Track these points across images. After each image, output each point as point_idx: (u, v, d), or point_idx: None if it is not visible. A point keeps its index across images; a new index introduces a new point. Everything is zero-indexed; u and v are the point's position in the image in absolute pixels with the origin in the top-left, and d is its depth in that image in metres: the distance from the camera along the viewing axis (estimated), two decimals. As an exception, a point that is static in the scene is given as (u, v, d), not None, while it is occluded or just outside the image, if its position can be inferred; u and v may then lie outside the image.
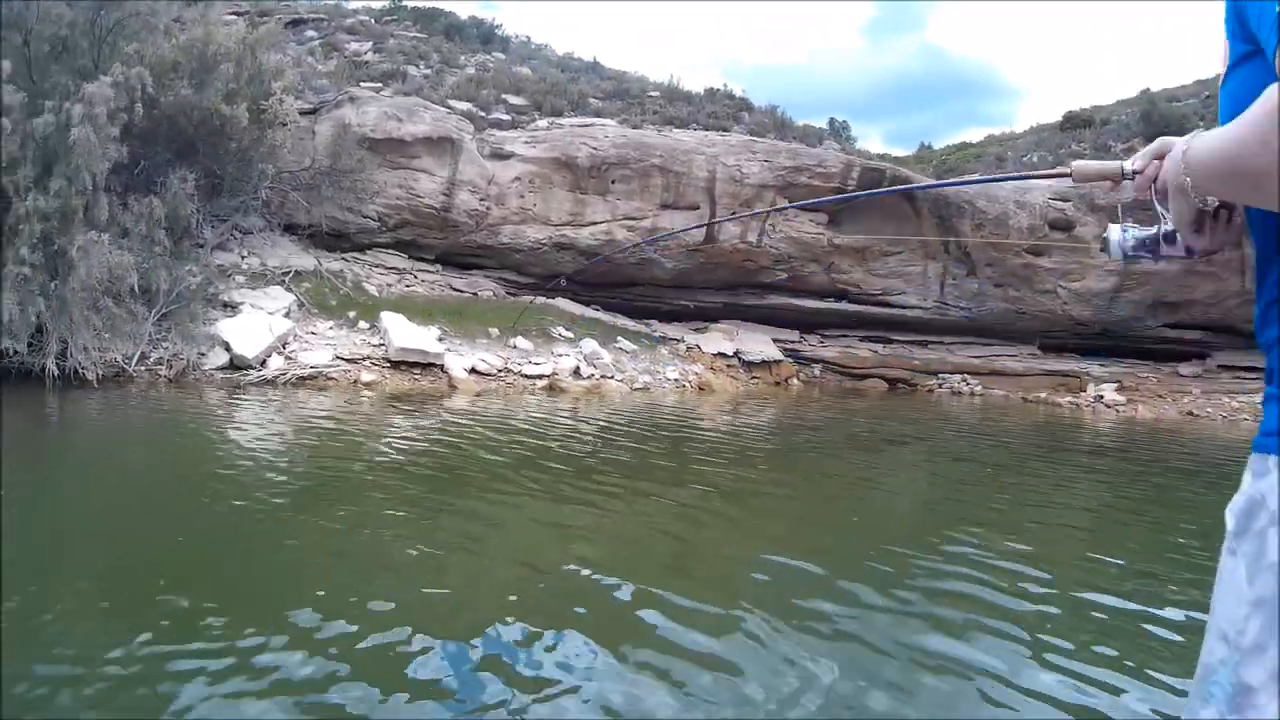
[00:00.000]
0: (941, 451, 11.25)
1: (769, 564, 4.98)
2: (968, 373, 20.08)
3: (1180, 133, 1.21)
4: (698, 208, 16.78)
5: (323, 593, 4.12)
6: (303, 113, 16.57)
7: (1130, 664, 3.73)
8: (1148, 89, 23.93)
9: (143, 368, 12.49)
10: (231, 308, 14.25)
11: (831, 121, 21.12)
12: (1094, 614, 4.43)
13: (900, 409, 15.98)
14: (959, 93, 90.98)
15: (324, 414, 10.49)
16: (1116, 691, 3.45)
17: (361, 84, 17.63)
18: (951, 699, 3.32)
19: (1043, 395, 19.71)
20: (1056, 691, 3.40)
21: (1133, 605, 4.56)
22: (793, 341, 18.63)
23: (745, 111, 20.03)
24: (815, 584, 4.55)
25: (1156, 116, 22.78)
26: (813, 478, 8.88)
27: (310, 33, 20.52)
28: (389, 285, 16.02)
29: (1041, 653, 3.77)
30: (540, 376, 14.72)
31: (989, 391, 19.85)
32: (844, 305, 18.57)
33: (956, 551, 5.43)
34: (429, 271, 16.74)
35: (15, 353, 11.33)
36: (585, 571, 4.63)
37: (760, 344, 17.68)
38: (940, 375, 19.79)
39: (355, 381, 13.35)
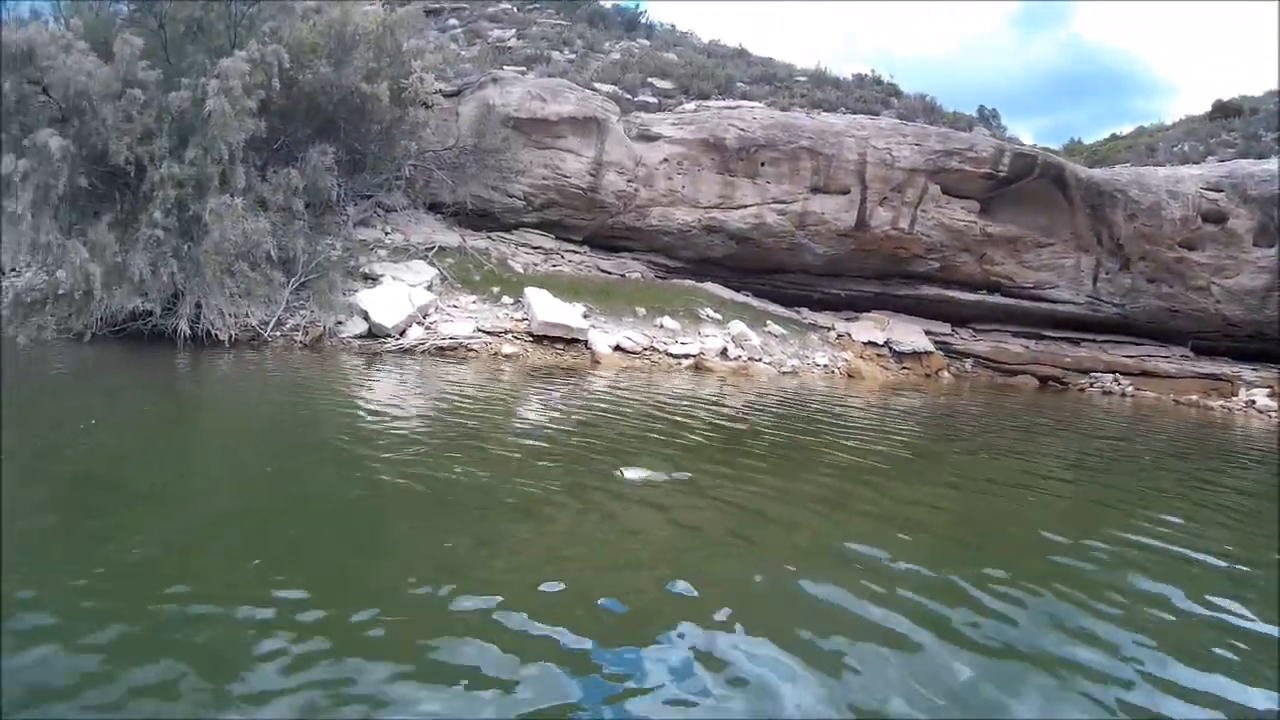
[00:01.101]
0: (1104, 445, 10.47)
1: (931, 546, 4.66)
2: (1120, 372, 18.93)
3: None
4: (848, 191, 16.13)
5: (437, 549, 3.87)
6: (446, 95, 16.55)
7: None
8: (1297, 81, 22.40)
9: (278, 333, 12.61)
10: (372, 279, 14.24)
11: (981, 109, 20.31)
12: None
13: (1054, 406, 14.99)
14: (1107, 89, 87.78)
15: (461, 382, 10.29)
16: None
17: (505, 68, 17.50)
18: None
19: (1194, 398, 18.46)
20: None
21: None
22: (944, 334, 17.77)
23: (894, 97, 19.32)
24: (983, 569, 4.19)
25: (1308, 105, 21.36)
26: (978, 463, 8.24)
27: (452, 20, 20.68)
28: (535, 264, 15.76)
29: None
30: (686, 356, 14.33)
31: (1140, 392, 18.68)
32: (996, 298, 17.64)
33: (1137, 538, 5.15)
34: (576, 252, 16.46)
35: (150, 314, 11.48)
36: (733, 551, 4.31)
37: (912, 335, 16.87)
38: (1092, 374, 18.67)
39: (496, 353, 13.20)
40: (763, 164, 15.97)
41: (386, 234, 15.76)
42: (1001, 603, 3.69)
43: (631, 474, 5.45)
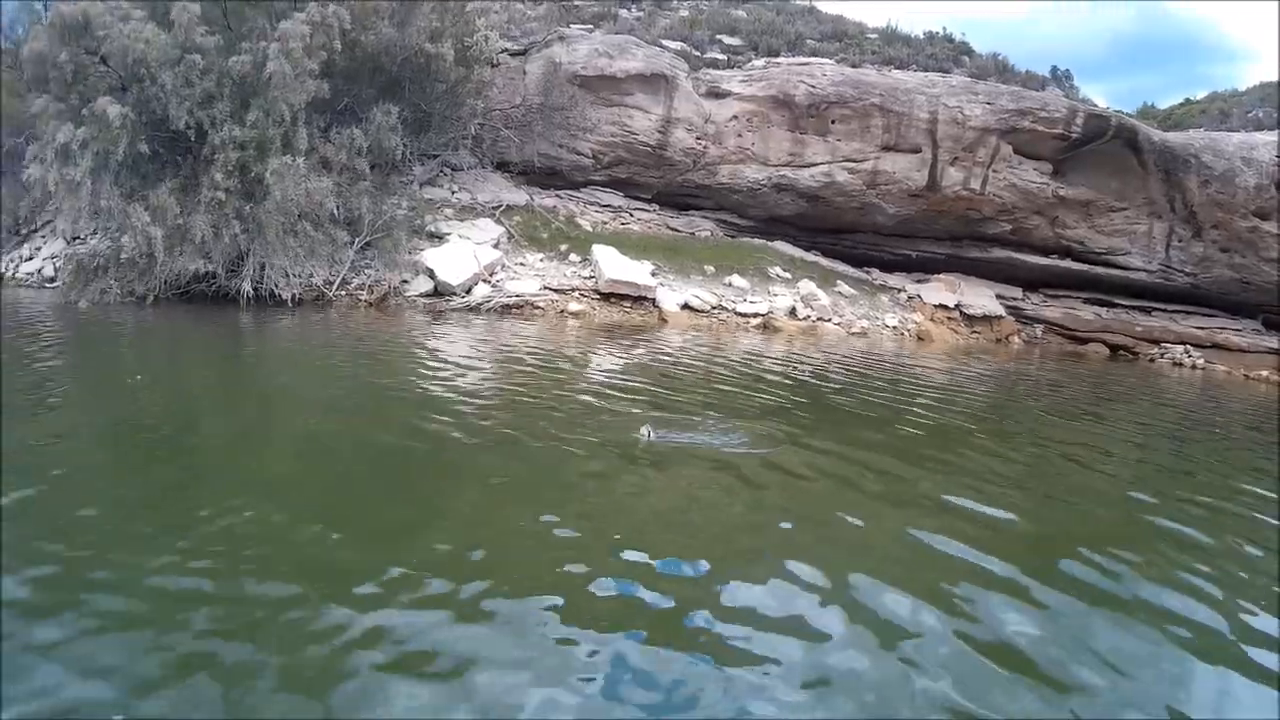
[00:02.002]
0: (1177, 415, 10.26)
1: (1027, 501, 4.61)
2: (1190, 344, 18.44)
3: None
4: (919, 150, 15.85)
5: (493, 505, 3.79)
6: (512, 53, 16.51)
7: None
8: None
9: (343, 292, 12.74)
10: (438, 238, 14.29)
11: (1054, 70, 19.83)
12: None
13: (1126, 376, 14.61)
14: (1181, 55, 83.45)
15: (527, 338, 10.29)
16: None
17: (571, 25, 17.39)
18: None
19: (1264, 374, 17.91)
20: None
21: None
22: (1015, 299, 17.44)
23: (965, 55, 18.96)
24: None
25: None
26: (1058, 427, 8.03)
27: (515, -21, 20.55)
28: (603, 222, 15.70)
29: None
30: (755, 315, 14.25)
31: (1211, 365, 18.18)
32: (1068, 263, 17.26)
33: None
34: (645, 210, 16.38)
35: (213, 275, 11.68)
36: (830, 503, 4.14)
37: (983, 298, 16.57)
38: (1163, 344, 18.21)
39: (562, 311, 13.24)
40: (833, 122, 15.73)
41: (453, 193, 15.77)
42: (1102, 556, 3.67)
43: (648, 431, 4.93)
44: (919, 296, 16.22)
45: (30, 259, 15.87)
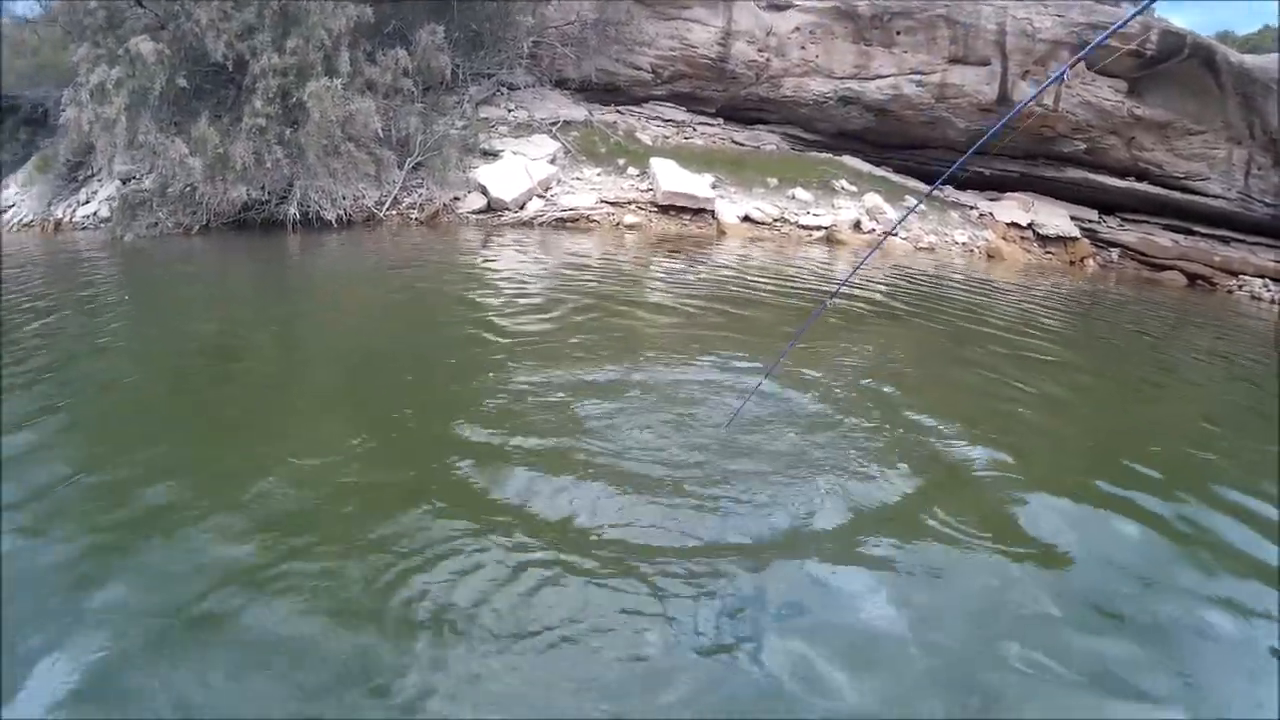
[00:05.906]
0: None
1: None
2: (1270, 277, 17.59)
3: None
4: (988, 63, 15.28)
5: None
6: (568, -30, 16.24)
7: None
8: None
9: (394, 212, 12.64)
10: (493, 155, 14.14)
11: (1126, -14, 19.07)
12: None
13: (1208, 308, 13.84)
14: None
15: (574, 251, 10.19)
16: None
17: (626, -58, 17.04)
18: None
19: (1347, 313, 16.98)
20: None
21: None
22: (1091, 221, 16.72)
23: (1034, -31, 18.31)
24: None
25: None
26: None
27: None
28: (665, 137, 15.35)
29: None
30: (818, 228, 13.87)
31: (1290, 301, 17.32)
32: (1144, 186, 16.54)
33: None
34: (709, 124, 16.06)
35: (263, 203, 11.69)
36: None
37: (1057, 219, 15.93)
38: (1240, 276, 17.38)
39: (618, 224, 13.04)
40: (898, 33, 15.23)
41: (510, 111, 15.53)
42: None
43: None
44: (990, 214, 15.63)
45: (87, 203, 15.80)
